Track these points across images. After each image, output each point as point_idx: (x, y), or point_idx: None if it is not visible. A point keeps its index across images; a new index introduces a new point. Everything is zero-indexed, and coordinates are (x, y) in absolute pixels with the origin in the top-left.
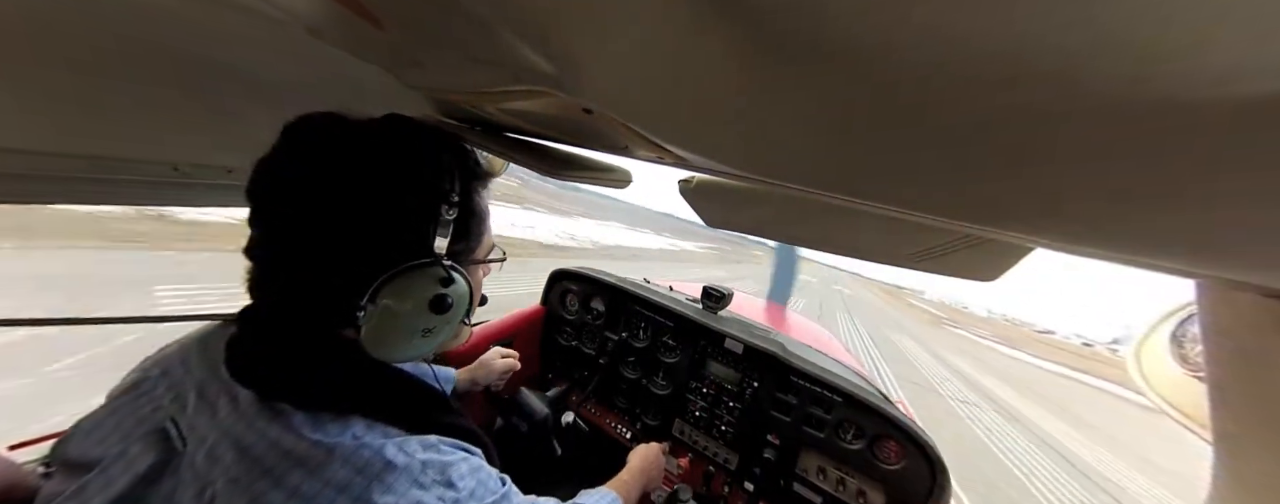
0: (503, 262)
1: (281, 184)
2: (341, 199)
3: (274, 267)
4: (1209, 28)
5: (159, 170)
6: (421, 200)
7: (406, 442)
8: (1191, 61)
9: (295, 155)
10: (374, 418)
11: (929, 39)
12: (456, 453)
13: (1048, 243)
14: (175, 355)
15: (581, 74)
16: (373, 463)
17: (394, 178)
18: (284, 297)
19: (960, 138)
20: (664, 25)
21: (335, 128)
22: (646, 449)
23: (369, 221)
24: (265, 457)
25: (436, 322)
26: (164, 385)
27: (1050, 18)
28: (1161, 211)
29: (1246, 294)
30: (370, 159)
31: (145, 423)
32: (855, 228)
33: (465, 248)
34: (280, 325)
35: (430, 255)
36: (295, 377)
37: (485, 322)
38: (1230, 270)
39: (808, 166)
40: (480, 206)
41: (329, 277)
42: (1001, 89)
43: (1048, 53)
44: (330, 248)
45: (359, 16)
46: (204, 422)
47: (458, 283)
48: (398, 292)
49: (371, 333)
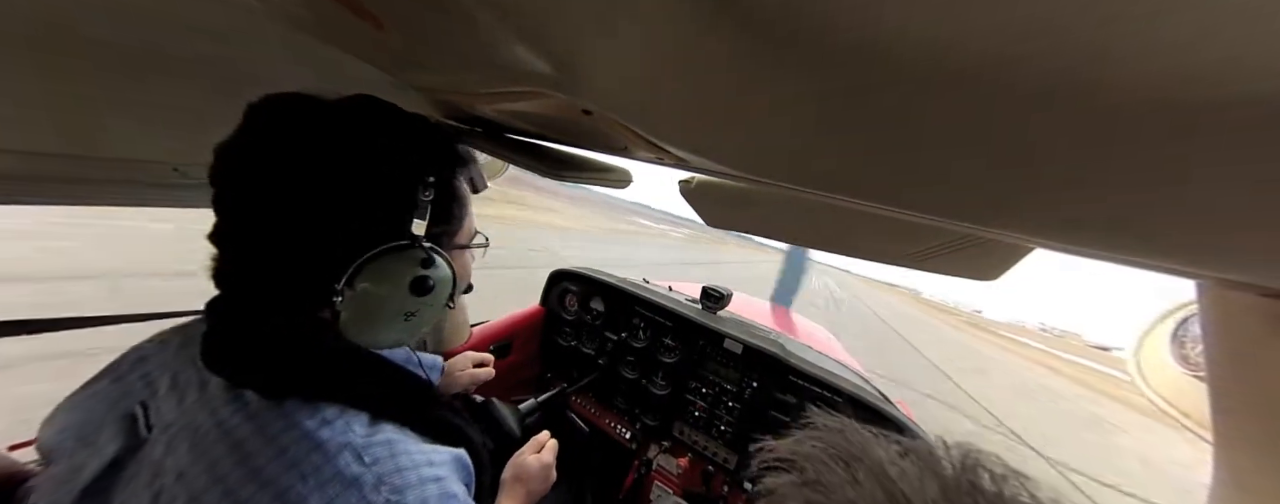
0: (486, 247)
1: (248, 167)
2: (313, 181)
3: (243, 252)
4: (1208, 28)
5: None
6: (396, 181)
7: (370, 446)
8: (1191, 62)
9: (262, 137)
10: (348, 405)
11: (928, 40)
12: (435, 468)
13: (1047, 243)
14: (153, 342)
15: (581, 75)
16: (321, 470)
17: (366, 158)
18: (254, 282)
19: (960, 138)
20: (663, 26)
21: (302, 108)
22: (522, 470)
23: (341, 204)
24: (214, 446)
25: (418, 305)
26: (138, 372)
27: (1049, 20)
28: (1161, 212)
29: (1246, 294)
30: (341, 139)
31: (116, 408)
32: (855, 228)
33: (445, 231)
34: (250, 311)
35: (409, 237)
36: (263, 362)
37: (485, 322)
38: (1230, 270)
39: (807, 166)
40: (459, 190)
41: (301, 262)
42: (1001, 90)
43: (1047, 54)
44: (302, 231)
45: (359, 17)
46: (170, 408)
47: (439, 265)
48: (376, 274)
49: (351, 317)
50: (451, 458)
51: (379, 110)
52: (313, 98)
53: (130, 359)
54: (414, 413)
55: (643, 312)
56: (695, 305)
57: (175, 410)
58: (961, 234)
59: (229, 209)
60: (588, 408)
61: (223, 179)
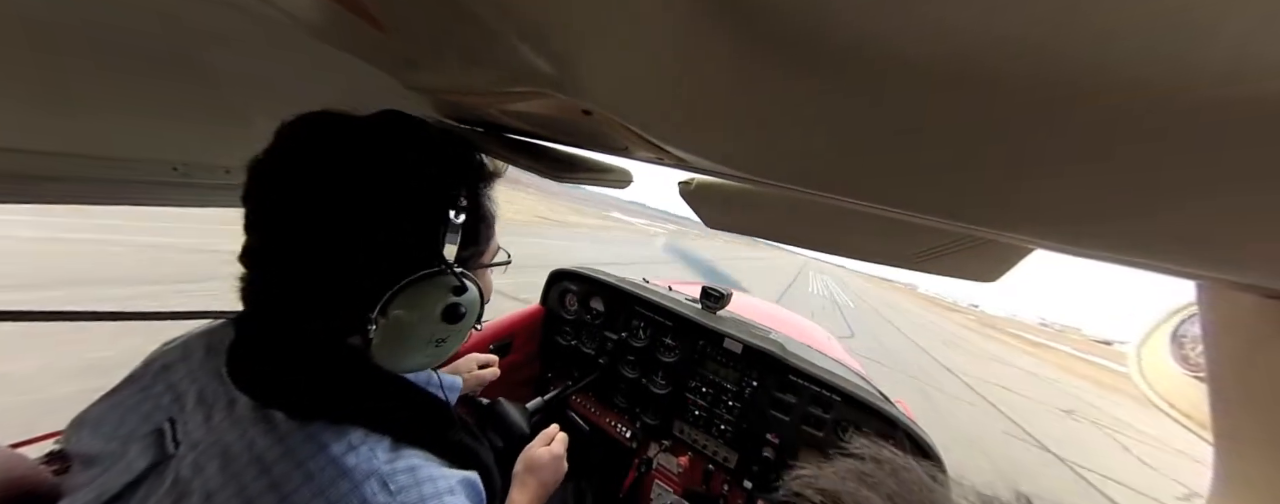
0: (507, 265)
1: (282, 189)
2: (346, 206)
3: (275, 276)
4: (1209, 27)
5: (158, 170)
6: (429, 205)
7: (394, 474)
8: (1191, 62)
9: (294, 158)
10: (372, 429)
11: (929, 40)
12: (455, 496)
13: (1047, 243)
14: (176, 352)
15: (581, 75)
16: (348, 498)
17: (400, 182)
18: (287, 306)
19: (960, 139)
20: (664, 26)
21: (335, 128)
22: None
23: (376, 230)
24: (245, 469)
25: (448, 331)
26: (163, 383)
27: (1049, 20)
28: (1161, 213)
29: (1247, 295)
30: (374, 163)
31: (147, 422)
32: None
33: (474, 252)
34: (282, 332)
35: (441, 263)
36: (293, 384)
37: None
38: (1230, 271)
39: (808, 167)
40: (488, 209)
41: (336, 285)
42: (1001, 91)
43: (1048, 55)
44: (336, 259)
45: (359, 17)
46: (197, 425)
47: (470, 291)
48: (409, 302)
49: (382, 344)
50: (463, 481)
51: (409, 127)
52: (343, 116)
53: (154, 368)
54: (434, 437)
55: (642, 311)
56: (695, 305)
57: (202, 427)
58: (961, 235)
59: (262, 229)
60: (588, 407)
61: (255, 199)
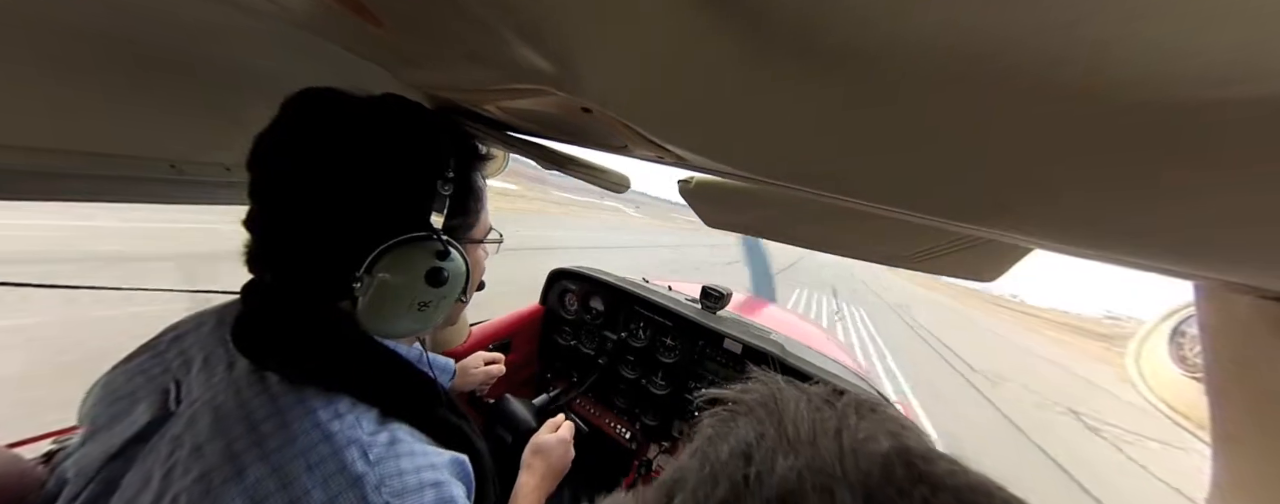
0: (500, 243)
1: (280, 156)
2: (339, 171)
3: (272, 239)
4: (1209, 29)
5: (156, 168)
6: (418, 174)
7: (375, 444)
8: (1191, 64)
9: (294, 128)
10: (360, 399)
11: (929, 41)
12: (436, 471)
13: (1046, 243)
14: (191, 321)
15: (580, 73)
16: (327, 462)
17: (391, 151)
18: (282, 269)
19: (960, 139)
20: (663, 25)
21: (334, 102)
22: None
23: (366, 194)
24: (234, 425)
25: (432, 295)
26: (175, 349)
27: (1050, 21)
28: (1160, 213)
29: (1245, 296)
30: (368, 133)
31: (153, 382)
32: (855, 228)
33: (462, 224)
34: (280, 297)
35: (427, 229)
36: (285, 346)
37: (484, 321)
38: (1228, 272)
39: (807, 166)
40: (477, 185)
41: (325, 248)
42: (1001, 92)
43: (1048, 56)
44: (327, 219)
45: (358, 14)
46: (199, 385)
47: (454, 258)
48: (394, 263)
49: (367, 305)
50: (451, 460)
51: (404, 106)
52: (343, 93)
53: (168, 337)
54: (419, 412)
55: (642, 311)
56: (695, 305)
57: (203, 386)
58: (961, 234)
59: (260, 194)
60: (587, 408)
61: (256, 166)
